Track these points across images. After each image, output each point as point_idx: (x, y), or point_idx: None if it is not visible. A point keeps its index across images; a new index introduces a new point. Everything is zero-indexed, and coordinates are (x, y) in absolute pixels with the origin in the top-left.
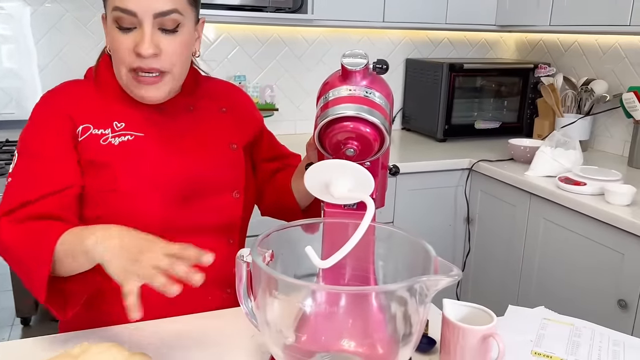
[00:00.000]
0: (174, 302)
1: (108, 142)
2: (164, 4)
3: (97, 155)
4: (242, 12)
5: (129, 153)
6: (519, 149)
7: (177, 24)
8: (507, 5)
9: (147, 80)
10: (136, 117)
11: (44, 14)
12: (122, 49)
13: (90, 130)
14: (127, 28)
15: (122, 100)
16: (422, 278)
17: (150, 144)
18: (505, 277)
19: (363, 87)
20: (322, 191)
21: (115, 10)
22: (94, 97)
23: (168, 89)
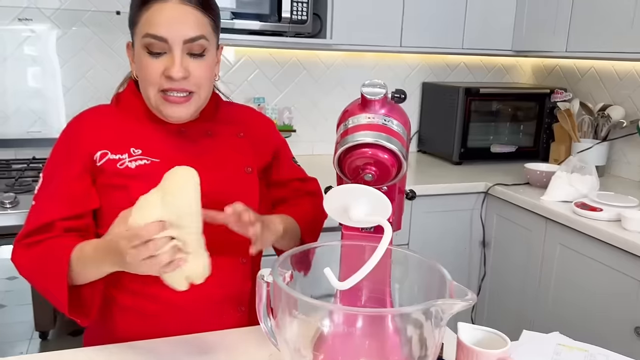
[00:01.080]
0: (188, 320)
1: (125, 166)
2: (193, 31)
3: (114, 178)
4: (263, 36)
5: (145, 175)
6: (535, 174)
7: (203, 49)
8: (524, 31)
9: (176, 99)
10: (154, 143)
11: (72, 36)
12: (152, 72)
13: (107, 155)
14: (157, 53)
15: (142, 124)
16: (438, 302)
17: (166, 169)
18: (520, 302)
19: (381, 115)
20: (341, 214)
21: (147, 36)
22: (115, 122)
23: (194, 109)
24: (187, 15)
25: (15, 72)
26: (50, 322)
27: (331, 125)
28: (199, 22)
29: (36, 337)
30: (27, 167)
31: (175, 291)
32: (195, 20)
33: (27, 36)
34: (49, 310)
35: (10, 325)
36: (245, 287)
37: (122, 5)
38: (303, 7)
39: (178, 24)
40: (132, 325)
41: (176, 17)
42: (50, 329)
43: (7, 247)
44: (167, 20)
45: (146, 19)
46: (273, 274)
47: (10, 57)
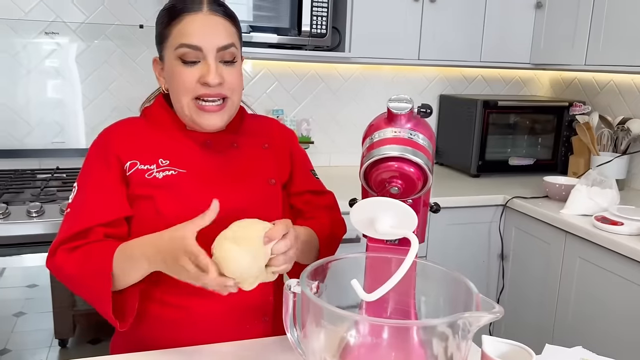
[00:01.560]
0: (213, 330)
1: (153, 176)
2: (225, 39)
3: (142, 189)
4: (282, 50)
5: (171, 186)
6: (554, 187)
7: (234, 56)
8: (542, 44)
9: (211, 108)
10: (181, 153)
11: (95, 49)
12: (187, 80)
13: (136, 165)
14: (191, 62)
15: (171, 136)
16: (465, 314)
17: (192, 179)
18: (539, 316)
19: (407, 129)
20: (367, 227)
21: (181, 47)
22: (144, 134)
23: (228, 116)
24: (218, 25)
25: (39, 84)
26: (69, 330)
27: (348, 137)
28: (228, 31)
29: (55, 345)
30: (51, 177)
31: (202, 301)
32: (225, 29)
33: (53, 49)
34: (69, 318)
35: (30, 333)
36: (269, 298)
37: (145, 19)
38: (323, 21)
39: (211, 33)
40: (157, 334)
41: (208, 27)
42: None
43: (31, 255)
44: (200, 29)
45: (178, 30)
46: (301, 285)
47: (35, 69)
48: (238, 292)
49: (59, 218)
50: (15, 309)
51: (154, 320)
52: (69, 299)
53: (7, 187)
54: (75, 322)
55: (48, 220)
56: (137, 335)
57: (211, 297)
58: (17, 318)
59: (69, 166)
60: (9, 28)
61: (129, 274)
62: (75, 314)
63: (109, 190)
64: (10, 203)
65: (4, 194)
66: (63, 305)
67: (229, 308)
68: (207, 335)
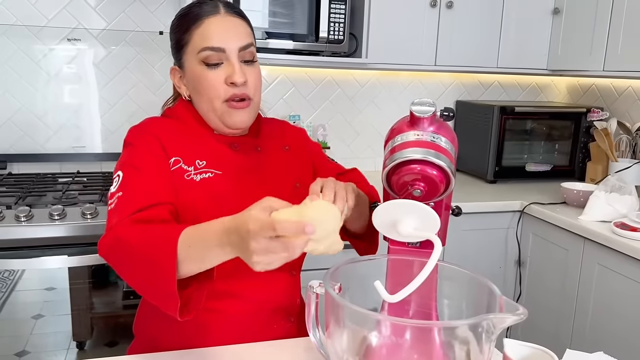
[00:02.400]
0: (239, 330)
1: (191, 178)
2: (244, 39)
3: (182, 189)
4: (299, 56)
5: (208, 189)
6: (572, 193)
7: (253, 55)
8: (559, 51)
9: (240, 105)
10: (215, 155)
11: (116, 55)
12: (214, 83)
13: (180, 163)
14: (214, 64)
15: (203, 139)
16: (490, 315)
17: (228, 182)
18: (557, 322)
19: (430, 133)
20: (389, 229)
21: (204, 50)
22: (181, 134)
23: (253, 115)
24: (237, 26)
25: (61, 90)
26: (87, 332)
27: (364, 143)
28: (246, 31)
29: (73, 347)
30: (72, 180)
31: (231, 302)
32: (243, 29)
33: (74, 55)
34: (87, 320)
35: (49, 335)
36: (295, 299)
37: (165, 26)
38: (340, 28)
39: (231, 34)
40: (182, 334)
41: (228, 28)
42: (88, 340)
43: (52, 257)
44: (220, 31)
45: (199, 35)
46: (324, 285)
47: (56, 75)
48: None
49: (81, 221)
50: (34, 311)
51: (180, 325)
52: (87, 302)
53: (29, 190)
54: (93, 324)
55: (70, 223)
56: (159, 335)
57: (240, 297)
58: (36, 320)
59: (88, 170)
60: (32, 35)
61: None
62: (93, 317)
63: (160, 171)
64: (33, 206)
65: (27, 196)
66: (81, 307)
67: (257, 309)
68: (234, 336)
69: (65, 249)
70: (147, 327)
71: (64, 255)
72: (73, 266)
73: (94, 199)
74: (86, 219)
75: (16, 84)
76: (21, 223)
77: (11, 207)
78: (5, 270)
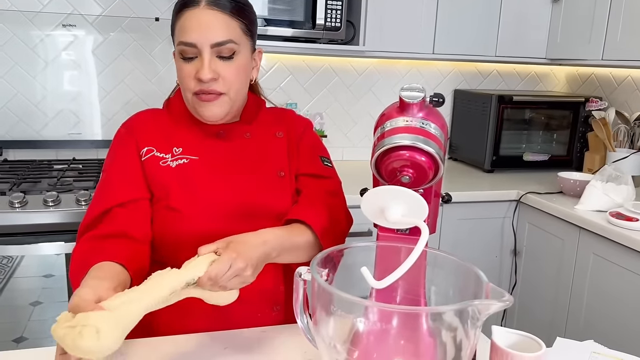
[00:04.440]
0: (223, 317)
1: (167, 165)
2: (220, 36)
3: (156, 175)
4: (296, 43)
5: (183, 175)
6: (568, 182)
7: (232, 52)
8: (558, 39)
9: (208, 98)
10: (194, 142)
11: (112, 42)
12: (186, 76)
13: (153, 152)
14: (190, 58)
15: (187, 125)
16: (475, 302)
17: (203, 167)
18: (552, 311)
19: (419, 119)
20: (377, 215)
21: (180, 44)
22: (164, 124)
23: (227, 108)
24: (215, 20)
25: (57, 76)
26: None
27: (361, 131)
28: (227, 26)
29: None
30: (67, 167)
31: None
32: (224, 25)
33: (70, 41)
34: None
35: (47, 322)
36: (280, 287)
37: (161, 12)
38: (337, 14)
39: (206, 29)
40: (169, 320)
41: (204, 23)
42: None
43: (47, 244)
44: (195, 26)
45: (179, 27)
46: (312, 272)
47: (53, 61)
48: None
49: (75, 208)
50: (32, 298)
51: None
52: None
53: (24, 176)
54: None
55: (64, 209)
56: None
57: None
58: (34, 307)
59: (85, 157)
60: (27, 20)
61: None
62: None
63: (127, 172)
64: (28, 192)
65: (21, 183)
66: None
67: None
68: (218, 323)
69: (61, 236)
70: None
71: (61, 242)
72: (70, 252)
73: (89, 185)
74: (80, 205)
75: (12, 70)
76: (15, 209)
77: (5, 194)
78: (4, 257)
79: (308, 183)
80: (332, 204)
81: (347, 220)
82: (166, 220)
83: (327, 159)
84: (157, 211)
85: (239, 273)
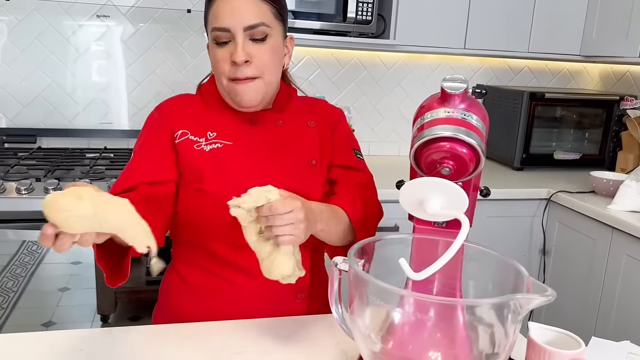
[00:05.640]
0: (247, 304)
1: (200, 149)
2: (252, 19)
3: (189, 158)
4: (327, 36)
5: (216, 159)
6: (601, 182)
7: (265, 34)
8: (594, 35)
9: (243, 82)
10: (228, 127)
11: (144, 33)
12: (220, 60)
13: (187, 135)
14: (223, 42)
15: (220, 111)
16: (517, 295)
17: (236, 152)
18: (581, 312)
19: (461, 110)
20: (415, 207)
21: (214, 30)
22: (197, 108)
23: (261, 94)
24: (247, 4)
25: (89, 66)
26: (111, 306)
27: (389, 126)
28: (259, 10)
29: (98, 320)
30: (99, 156)
31: (240, 275)
32: (255, 8)
33: (103, 32)
34: (111, 295)
35: (74, 307)
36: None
37: (193, 4)
38: (368, 8)
39: (238, 13)
40: (193, 307)
41: (236, 7)
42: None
43: None
44: (228, 11)
45: (212, 14)
46: (350, 262)
47: (85, 51)
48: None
49: None
50: (60, 284)
51: (195, 288)
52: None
53: (58, 164)
54: (117, 299)
55: None
56: (176, 303)
57: (248, 272)
58: (62, 293)
59: (115, 146)
60: (62, 10)
61: None
62: (117, 291)
63: (156, 153)
64: (62, 179)
65: (55, 170)
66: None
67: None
68: (242, 309)
69: None
70: (170, 290)
71: None
72: None
73: None
74: None
75: (47, 59)
76: None
77: (40, 180)
78: (34, 243)
79: (342, 174)
80: (365, 195)
81: (378, 212)
82: (196, 202)
83: (359, 152)
84: (187, 193)
85: (294, 221)
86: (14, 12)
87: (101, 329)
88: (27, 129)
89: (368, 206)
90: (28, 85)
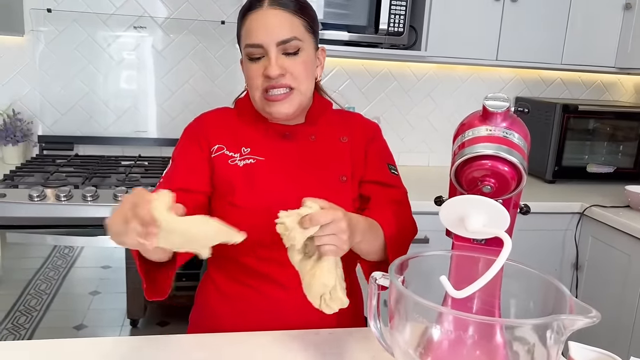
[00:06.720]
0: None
1: (234, 164)
2: (285, 34)
3: (223, 172)
4: (358, 47)
5: (249, 174)
6: (636, 196)
7: (297, 48)
8: (629, 47)
9: (277, 97)
10: (261, 143)
11: (178, 43)
12: (254, 75)
13: (223, 150)
14: (257, 58)
15: (255, 125)
16: (561, 316)
17: (268, 168)
18: (614, 331)
19: (502, 128)
20: (456, 225)
21: (247, 47)
22: (233, 123)
23: (296, 105)
24: (279, 19)
25: (125, 76)
26: (141, 310)
27: (418, 137)
28: (291, 24)
29: (127, 324)
30: (134, 164)
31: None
32: (287, 23)
33: (138, 43)
34: (141, 300)
35: (104, 311)
36: None
37: (227, 15)
38: (400, 20)
39: (271, 28)
40: (230, 314)
41: (268, 23)
42: (141, 318)
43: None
44: (261, 27)
45: (245, 30)
46: (390, 277)
47: (121, 61)
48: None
49: None
50: (91, 287)
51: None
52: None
53: (95, 171)
54: (147, 304)
55: None
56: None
57: (276, 282)
58: (93, 296)
59: (149, 155)
60: (101, 22)
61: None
62: None
63: (190, 162)
64: (99, 187)
65: (92, 177)
66: (136, 287)
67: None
68: (276, 320)
69: None
70: (206, 297)
71: None
72: None
73: (155, 182)
74: None
75: (85, 69)
76: (87, 202)
77: (78, 187)
78: (67, 247)
79: (375, 191)
80: (399, 212)
81: (412, 229)
82: (227, 215)
83: (394, 167)
84: (219, 206)
85: (336, 231)
86: (55, 23)
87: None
88: (64, 136)
89: (402, 222)
90: (66, 94)
